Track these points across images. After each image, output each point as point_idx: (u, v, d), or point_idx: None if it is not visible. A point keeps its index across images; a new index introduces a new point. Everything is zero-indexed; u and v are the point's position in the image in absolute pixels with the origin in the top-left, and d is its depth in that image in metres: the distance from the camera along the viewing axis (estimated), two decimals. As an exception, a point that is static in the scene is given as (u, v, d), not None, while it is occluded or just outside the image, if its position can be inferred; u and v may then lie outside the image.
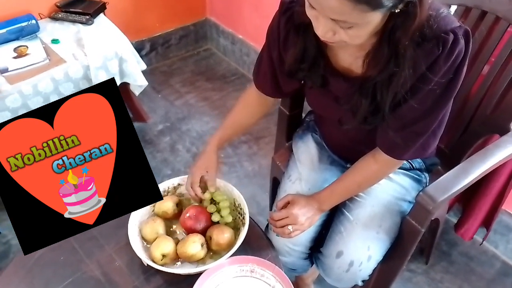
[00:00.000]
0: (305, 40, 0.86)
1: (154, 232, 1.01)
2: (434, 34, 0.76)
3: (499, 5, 1.13)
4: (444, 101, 0.83)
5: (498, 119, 1.17)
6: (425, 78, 0.79)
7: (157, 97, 2.32)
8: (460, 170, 1.03)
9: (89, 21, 1.81)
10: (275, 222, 1.02)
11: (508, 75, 1.14)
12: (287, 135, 1.36)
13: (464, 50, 0.78)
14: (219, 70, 2.52)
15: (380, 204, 1.05)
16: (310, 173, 1.13)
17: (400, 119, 0.86)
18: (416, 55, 0.76)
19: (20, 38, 1.72)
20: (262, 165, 1.94)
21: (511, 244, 1.54)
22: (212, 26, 2.57)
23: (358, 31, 0.71)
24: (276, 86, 1.03)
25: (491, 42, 1.17)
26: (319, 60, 0.89)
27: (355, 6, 0.65)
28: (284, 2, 0.90)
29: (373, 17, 0.68)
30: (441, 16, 0.77)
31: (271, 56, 0.98)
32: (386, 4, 0.66)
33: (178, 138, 2.08)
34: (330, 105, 0.96)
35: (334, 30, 0.72)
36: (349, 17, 0.68)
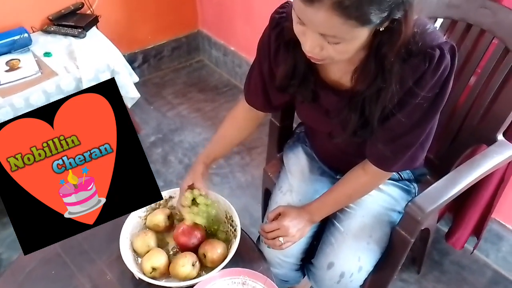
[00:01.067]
0: (295, 56, 0.87)
1: (146, 245, 1.01)
2: (421, 49, 0.77)
3: (483, 18, 1.15)
4: (431, 114, 0.85)
5: (485, 129, 1.19)
6: (413, 92, 0.80)
7: (149, 108, 2.33)
8: (448, 180, 1.04)
9: (81, 34, 1.82)
10: (266, 234, 1.02)
11: (493, 86, 1.16)
12: (278, 146, 1.37)
13: (450, 65, 0.80)
14: (211, 82, 2.54)
15: (370, 214, 1.06)
16: (301, 184, 1.14)
17: (389, 132, 0.87)
18: (403, 70, 0.78)
19: (12, 51, 1.73)
20: (254, 176, 1.95)
21: (501, 252, 1.55)
22: (204, 38, 2.59)
23: (346, 46, 0.72)
24: (266, 100, 1.04)
25: (477, 53, 1.19)
26: (309, 75, 0.90)
27: (345, 21, 0.66)
28: (274, 18, 0.91)
29: (361, 32, 0.70)
30: (427, 32, 0.79)
31: (261, 70, 0.99)
32: (374, 21, 0.67)
33: (170, 150, 2.09)
34: (321, 118, 0.97)
35: (322, 45, 0.73)
36: (338, 32, 0.69)
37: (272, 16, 0.92)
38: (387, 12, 0.67)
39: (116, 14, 2.21)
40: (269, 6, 0.74)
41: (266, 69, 0.97)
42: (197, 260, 0.97)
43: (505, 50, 1.13)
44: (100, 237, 1.07)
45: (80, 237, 1.05)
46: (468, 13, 1.18)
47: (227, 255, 0.97)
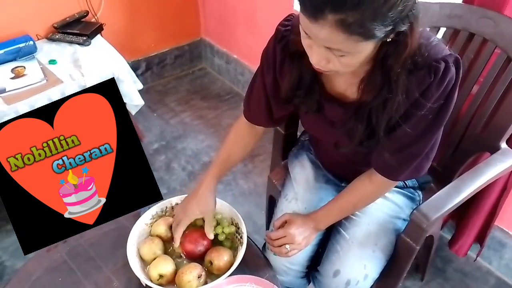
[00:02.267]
0: (300, 67, 0.88)
1: (152, 253, 1.01)
2: (426, 62, 0.79)
3: (485, 28, 1.17)
4: (436, 125, 0.86)
5: (488, 137, 1.20)
6: (418, 104, 0.82)
7: (152, 116, 2.34)
8: (452, 188, 1.05)
9: (86, 42, 1.84)
10: (272, 241, 1.03)
11: (496, 95, 1.17)
12: (283, 153, 1.38)
13: (455, 77, 0.81)
14: (214, 89, 2.55)
15: (375, 222, 1.07)
16: (306, 192, 1.14)
17: (395, 143, 0.88)
18: (409, 82, 0.79)
19: (17, 58, 1.74)
20: (257, 183, 1.95)
21: (504, 259, 1.55)
22: (206, 46, 2.61)
23: (351, 59, 0.74)
24: (268, 112, 1.03)
25: (479, 63, 1.20)
26: (315, 86, 0.91)
27: (348, 37, 0.67)
28: (279, 30, 0.92)
29: (366, 46, 0.71)
30: (432, 44, 0.80)
31: (264, 80, 0.99)
32: (379, 35, 0.68)
33: (173, 157, 2.09)
34: (326, 129, 0.98)
35: (328, 58, 0.75)
36: (342, 46, 0.70)
37: (278, 28, 0.93)
38: (391, 26, 0.68)
39: (120, 22, 2.23)
40: (272, 15, 0.75)
41: (270, 79, 0.97)
42: (202, 271, 0.97)
43: (507, 60, 1.14)
44: (106, 244, 1.07)
45: (86, 244, 1.07)
46: (470, 23, 1.20)
47: (234, 262, 0.97)
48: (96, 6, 2.06)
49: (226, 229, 1.03)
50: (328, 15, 0.65)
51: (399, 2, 0.65)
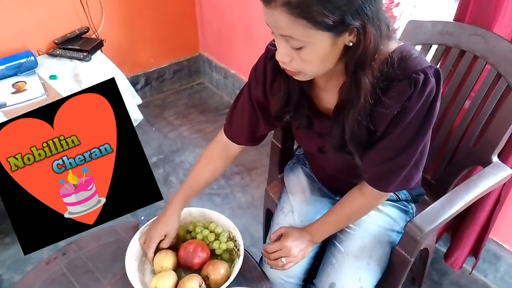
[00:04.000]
0: (287, 83, 0.91)
1: (159, 266, 1.00)
2: (406, 74, 0.81)
3: (476, 45, 1.20)
4: (421, 135, 0.88)
5: (480, 151, 1.22)
6: (401, 115, 0.84)
7: (151, 130, 2.36)
8: (446, 201, 1.07)
9: (86, 58, 1.87)
10: (269, 254, 1.04)
11: (487, 109, 1.20)
12: (280, 167, 1.40)
13: (435, 88, 0.83)
14: (212, 103, 2.58)
15: (370, 235, 1.08)
16: (302, 205, 1.16)
17: (382, 154, 0.91)
18: (390, 94, 0.82)
19: (18, 74, 1.77)
20: (255, 196, 1.97)
21: (500, 272, 1.56)
22: (205, 61, 2.65)
23: (310, 53, 0.76)
24: (249, 129, 1.05)
25: (471, 78, 1.24)
26: (303, 102, 0.94)
27: (295, 19, 0.71)
28: (270, 49, 0.95)
29: (318, 37, 0.73)
30: (412, 57, 0.83)
31: (251, 97, 1.01)
32: (325, 22, 0.71)
33: (171, 170, 2.11)
34: (316, 143, 1.00)
35: (290, 55, 0.78)
36: (294, 33, 0.73)
37: (268, 47, 0.96)
38: (337, 15, 0.70)
39: (120, 38, 2.27)
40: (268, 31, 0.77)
41: (260, 93, 0.99)
42: (202, 281, 0.98)
43: (498, 75, 1.17)
44: (105, 257, 1.08)
45: (85, 256, 1.08)
46: (461, 40, 1.24)
47: (230, 275, 0.98)
48: (96, 22, 2.10)
49: (223, 245, 1.05)
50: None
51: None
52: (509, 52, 1.14)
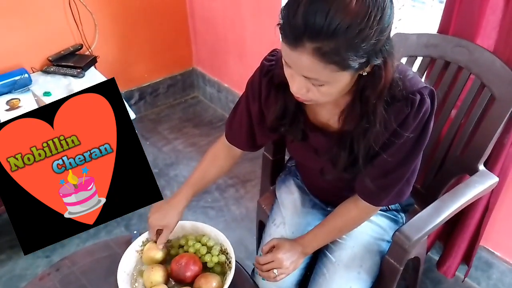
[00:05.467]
0: (285, 98, 0.93)
1: (149, 281, 1.00)
2: (403, 95, 0.84)
3: (460, 56, 1.23)
4: (415, 153, 0.91)
5: (467, 160, 1.25)
6: (397, 134, 0.87)
7: (145, 144, 2.38)
8: (433, 210, 1.09)
9: (80, 74, 1.89)
10: (261, 266, 1.05)
11: (473, 118, 1.23)
12: (271, 179, 1.41)
13: (430, 108, 0.86)
14: (206, 117, 2.60)
15: (360, 244, 1.09)
16: (293, 217, 1.18)
17: (376, 170, 0.93)
18: (388, 114, 0.84)
19: (13, 91, 1.79)
20: (249, 209, 1.98)
21: (492, 280, 1.57)
22: (198, 75, 2.68)
23: (329, 89, 0.79)
24: (250, 138, 1.08)
25: (456, 88, 1.26)
26: (299, 116, 0.96)
27: (325, 66, 0.72)
28: (265, 65, 0.97)
29: (342, 76, 0.76)
30: (408, 78, 0.86)
31: (249, 109, 1.04)
32: (353, 66, 0.73)
33: (166, 184, 2.12)
34: (311, 156, 1.02)
35: (308, 87, 0.79)
36: (320, 76, 0.75)
37: (263, 63, 0.98)
38: (365, 58, 0.73)
39: (114, 54, 2.29)
40: (261, 45, 0.79)
41: (256, 109, 1.02)
42: None
43: (482, 85, 1.20)
44: (98, 272, 1.09)
45: (78, 271, 1.09)
46: (445, 52, 1.27)
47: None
48: (90, 39, 2.13)
49: (215, 258, 1.05)
50: (306, 43, 0.70)
51: (372, 36, 0.71)
52: (491, 62, 1.17)
